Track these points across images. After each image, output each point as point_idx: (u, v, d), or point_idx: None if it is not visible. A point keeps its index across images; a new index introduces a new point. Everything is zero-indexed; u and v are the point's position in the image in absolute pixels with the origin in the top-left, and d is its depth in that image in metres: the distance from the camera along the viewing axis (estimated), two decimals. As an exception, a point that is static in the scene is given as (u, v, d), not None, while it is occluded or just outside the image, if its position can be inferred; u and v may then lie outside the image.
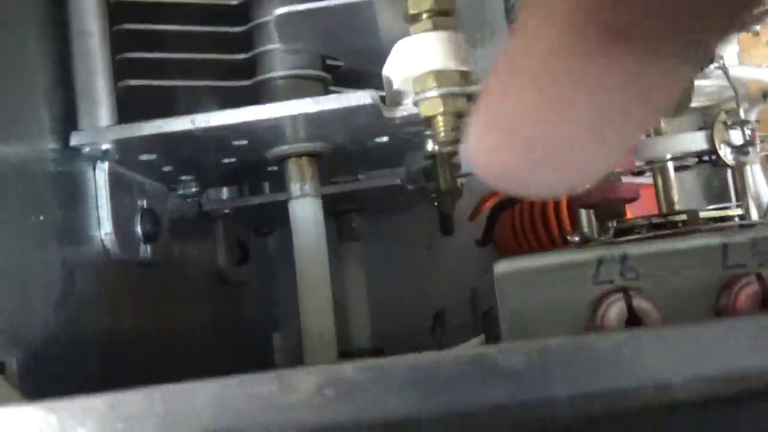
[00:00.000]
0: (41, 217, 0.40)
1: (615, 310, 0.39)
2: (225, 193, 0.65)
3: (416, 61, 0.41)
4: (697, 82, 0.57)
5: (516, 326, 0.41)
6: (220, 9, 0.51)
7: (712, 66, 0.48)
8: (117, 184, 0.47)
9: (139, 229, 0.49)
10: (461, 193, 0.67)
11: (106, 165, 0.46)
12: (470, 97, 0.42)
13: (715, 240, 0.41)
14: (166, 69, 0.50)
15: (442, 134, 0.41)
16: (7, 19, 0.40)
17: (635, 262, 0.41)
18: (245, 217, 0.68)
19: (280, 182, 0.53)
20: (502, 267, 0.42)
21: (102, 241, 0.46)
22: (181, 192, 0.58)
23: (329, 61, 0.53)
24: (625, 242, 0.43)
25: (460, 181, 0.66)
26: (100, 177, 0.46)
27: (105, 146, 0.44)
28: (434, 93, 0.41)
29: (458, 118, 0.41)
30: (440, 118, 0.41)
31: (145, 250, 0.50)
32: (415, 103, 0.42)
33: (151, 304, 0.53)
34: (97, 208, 0.46)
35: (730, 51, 0.62)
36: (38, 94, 0.42)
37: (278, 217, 0.56)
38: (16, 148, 0.39)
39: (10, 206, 0.38)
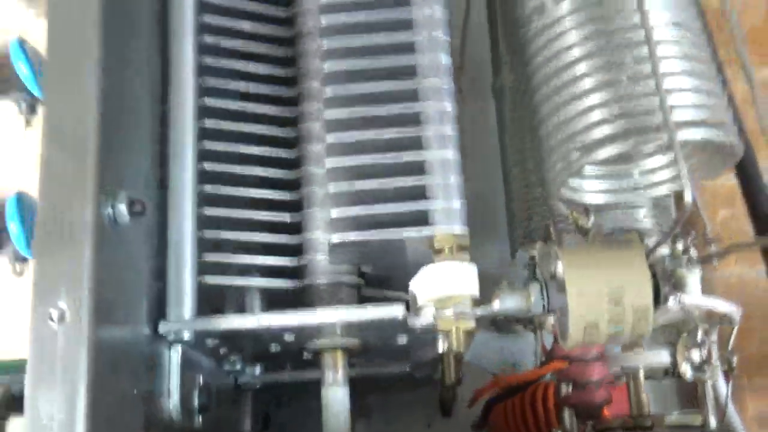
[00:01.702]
0: (134, 389, 0.50)
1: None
2: (258, 369, 0.75)
3: (438, 285, 0.53)
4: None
5: None
6: (277, 223, 0.64)
7: (670, 301, 0.60)
8: (185, 363, 0.58)
9: (196, 402, 0.59)
10: (461, 381, 0.77)
11: (179, 347, 0.56)
12: (478, 318, 0.53)
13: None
14: (233, 269, 0.62)
15: (455, 345, 0.52)
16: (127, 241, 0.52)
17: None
18: (270, 390, 0.77)
19: (302, 362, 0.63)
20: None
21: (170, 409, 0.56)
22: (227, 368, 0.68)
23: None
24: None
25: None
26: (174, 357, 0.56)
27: (186, 335, 0.54)
28: (450, 312, 0.53)
29: (467, 333, 0.53)
30: (453, 333, 0.52)
31: (198, 420, 0.60)
32: (434, 318, 0.54)
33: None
34: (169, 382, 0.56)
35: (693, 278, 0.74)
36: (142, 288, 0.53)
37: (296, 391, 0.66)
38: (127, 332, 0.50)
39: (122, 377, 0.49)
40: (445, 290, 0.53)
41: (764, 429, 0.89)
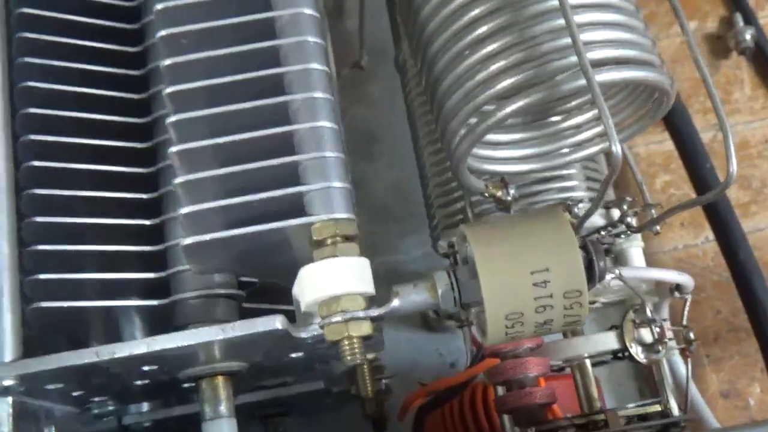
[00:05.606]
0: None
1: None
2: (146, 405, 0.63)
3: (321, 286, 0.42)
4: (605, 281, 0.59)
5: None
6: (134, 228, 0.52)
7: (608, 277, 0.50)
8: (21, 415, 0.46)
9: (45, 461, 0.48)
10: (389, 391, 0.66)
11: (9, 399, 0.45)
12: (374, 319, 0.43)
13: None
14: (81, 289, 0.50)
15: (348, 357, 0.42)
16: None
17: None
18: (170, 428, 0.66)
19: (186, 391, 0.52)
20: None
21: (6, 475, 0.44)
22: (96, 412, 0.56)
23: (243, 278, 0.54)
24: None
25: (384, 381, 0.66)
26: (3, 410, 0.45)
27: (8, 382, 0.43)
28: (339, 318, 0.42)
29: (363, 339, 0.42)
30: (346, 342, 0.42)
31: (54, 480, 0.48)
32: (322, 327, 0.43)
33: None
34: (0, 442, 0.44)
35: (635, 250, 0.64)
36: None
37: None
38: None
39: None
40: (329, 291, 0.42)
41: (728, 401, 0.80)
